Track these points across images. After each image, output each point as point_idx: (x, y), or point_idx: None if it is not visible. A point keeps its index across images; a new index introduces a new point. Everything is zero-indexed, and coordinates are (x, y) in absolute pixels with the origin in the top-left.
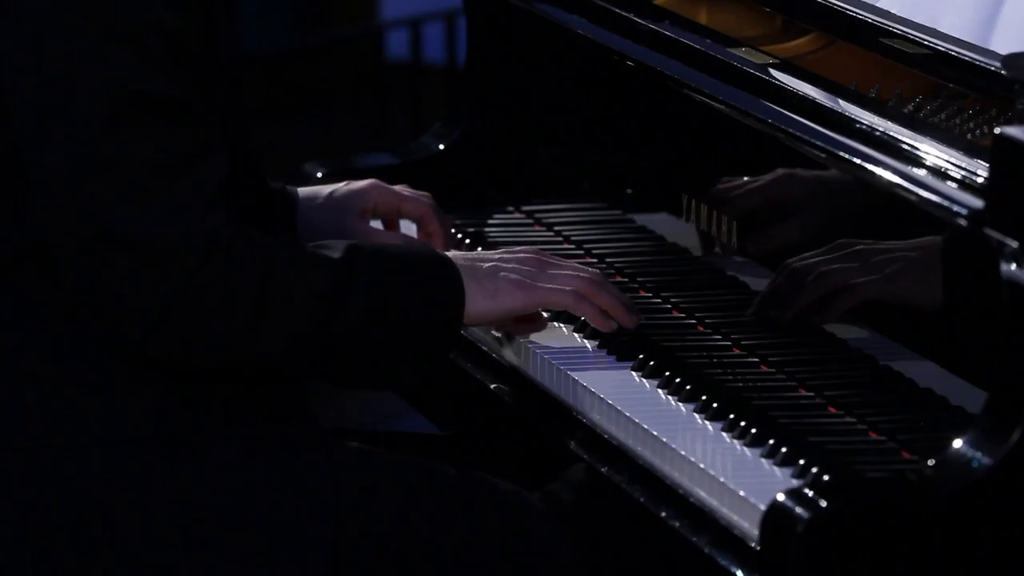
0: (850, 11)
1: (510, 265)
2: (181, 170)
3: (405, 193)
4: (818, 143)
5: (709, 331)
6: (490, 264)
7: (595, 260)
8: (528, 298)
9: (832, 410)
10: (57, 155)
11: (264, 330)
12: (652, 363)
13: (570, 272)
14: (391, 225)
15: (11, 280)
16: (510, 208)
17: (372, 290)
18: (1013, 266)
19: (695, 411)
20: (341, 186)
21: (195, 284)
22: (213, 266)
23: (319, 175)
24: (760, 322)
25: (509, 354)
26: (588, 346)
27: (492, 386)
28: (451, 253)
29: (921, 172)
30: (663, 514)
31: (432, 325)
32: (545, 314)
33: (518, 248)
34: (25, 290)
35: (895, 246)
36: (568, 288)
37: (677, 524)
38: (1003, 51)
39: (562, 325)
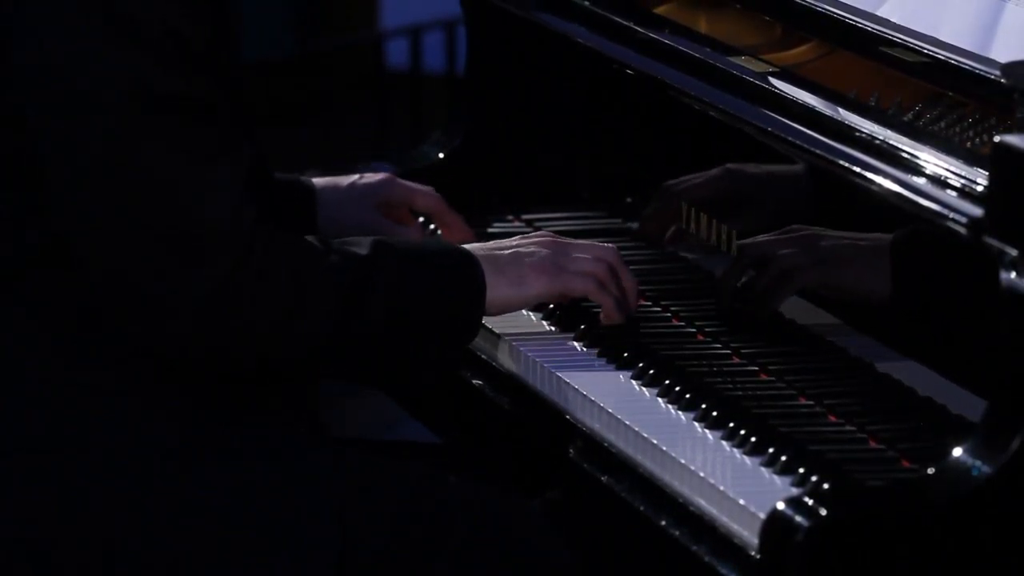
0: (850, 20)
1: (530, 250)
2: (211, 167)
3: (417, 188)
4: (818, 151)
5: (709, 339)
6: (510, 251)
7: None
8: (552, 284)
9: (832, 418)
10: (87, 158)
11: (297, 325)
12: (652, 371)
13: (591, 256)
14: (406, 218)
15: (12, 282)
16: (510, 217)
17: (396, 285)
18: (1013, 274)
19: (695, 420)
20: (356, 178)
21: (234, 279)
22: (251, 262)
23: None
24: (730, 313)
25: (507, 362)
26: (588, 354)
27: (490, 394)
28: (469, 246)
29: (921, 180)
30: (663, 522)
31: (454, 318)
32: (533, 316)
33: (534, 234)
34: (26, 292)
35: (859, 237)
36: (590, 276)
37: (677, 532)
38: (1003, 60)
39: (560, 332)
